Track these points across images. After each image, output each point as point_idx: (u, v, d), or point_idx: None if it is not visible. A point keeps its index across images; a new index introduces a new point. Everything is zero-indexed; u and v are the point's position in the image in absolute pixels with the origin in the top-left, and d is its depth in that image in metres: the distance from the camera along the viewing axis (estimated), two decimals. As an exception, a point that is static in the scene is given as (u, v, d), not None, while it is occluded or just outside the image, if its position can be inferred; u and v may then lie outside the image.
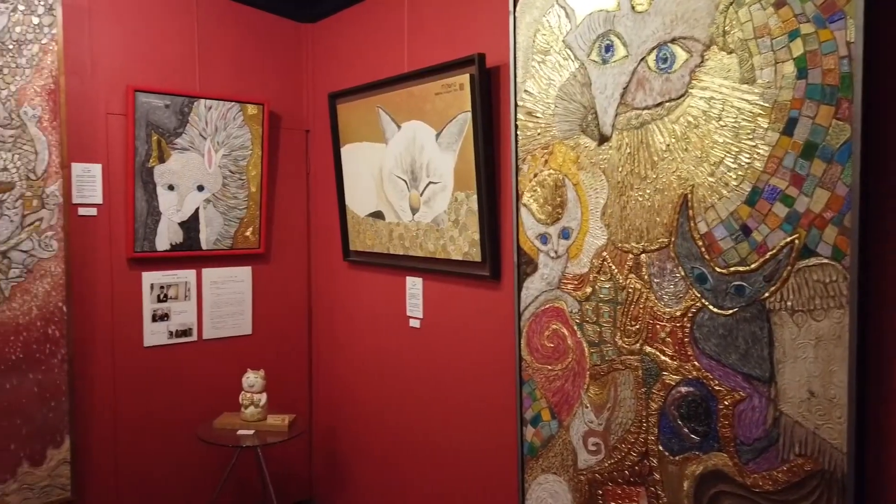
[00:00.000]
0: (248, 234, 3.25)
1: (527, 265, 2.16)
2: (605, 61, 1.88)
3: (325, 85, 3.31)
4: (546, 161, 2.07)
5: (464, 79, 2.34)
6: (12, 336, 2.58)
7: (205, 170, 3.07)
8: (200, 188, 3.07)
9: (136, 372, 2.98)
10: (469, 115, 2.35)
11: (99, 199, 2.84)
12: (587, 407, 2.00)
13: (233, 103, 3.11)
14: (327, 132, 3.24)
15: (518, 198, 2.17)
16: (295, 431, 2.94)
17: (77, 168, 2.76)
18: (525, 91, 2.12)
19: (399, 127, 2.71)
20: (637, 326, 1.84)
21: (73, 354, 2.73)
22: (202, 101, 3.02)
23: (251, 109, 3.17)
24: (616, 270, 1.88)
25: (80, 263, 2.78)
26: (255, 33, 3.27)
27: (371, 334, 3.10)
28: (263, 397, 2.95)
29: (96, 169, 2.82)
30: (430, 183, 2.59)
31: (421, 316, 2.77)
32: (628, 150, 1.83)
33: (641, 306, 1.83)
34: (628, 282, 1.85)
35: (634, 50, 1.80)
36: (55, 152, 2.64)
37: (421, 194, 2.65)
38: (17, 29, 2.53)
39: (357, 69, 3.08)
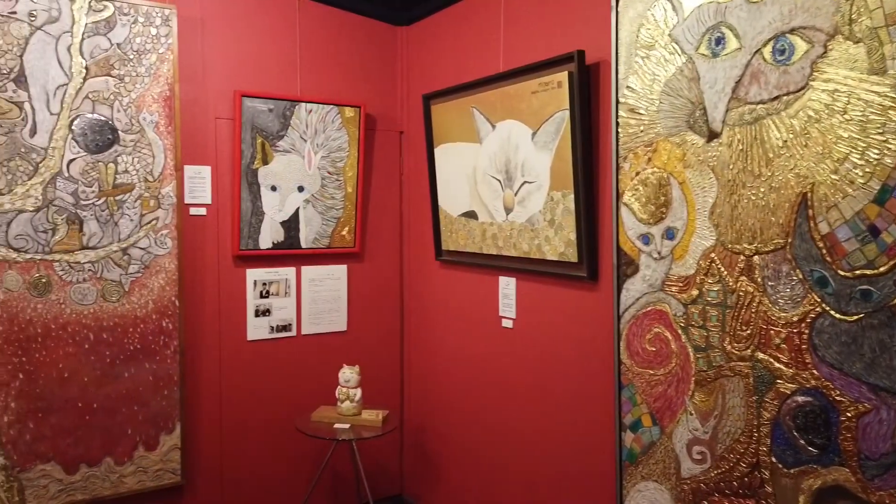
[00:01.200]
0: (344, 233, 3.34)
1: (627, 266, 2.11)
2: (715, 55, 1.81)
3: (419, 86, 3.36)
4: (649, 159, 2.01)
5: (562, 76, 2.31)
6: (131, 328, 2.77)
7: (305, 171, 3.18)
8: (301, 189, 3.18)
9: (240, 364, 3.13)
10: (567, 113, 2.32)
11: (208, 200, 2.99)
12: (692, 414, 1.93)
13: (331, 106, 3.20)
14: (421, 133, 3.28)
15: (618, 197, 2.12)
16: (388, 427, 2.99)
17: (189, 170, 2.93)
18: (627, 87, 2.07)
19: (494, 127, 2.71)
20: (748, 331, 1.76)
21: (185, 346, 2.89)
22: (303, 104, 3.13)
23: (348, 112, 3.25)
24: (725, 272, 1.81)
25: (191, 260, 2.95)
26: (353, 37, 3.35)
27: (463, 333, 3.12)
28: (358, 392, 3.03)
29: (206, 171, 2.98)
30: (525, 182, 2.57)
31: (514, 316, 2.76)
32: (740, 147, 1.75)
33: (753, 310, 1.74)
34: (739, 284, 1.77)
35: (748, 42, 1.72)
36: (170, 155, 2.80)
37: (515, 194, 2.63)
38: (137, 40, 2.70)
39: (451, 70, 3.11)
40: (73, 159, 2.61)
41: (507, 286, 2.78)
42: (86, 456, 2.70)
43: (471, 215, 2.94)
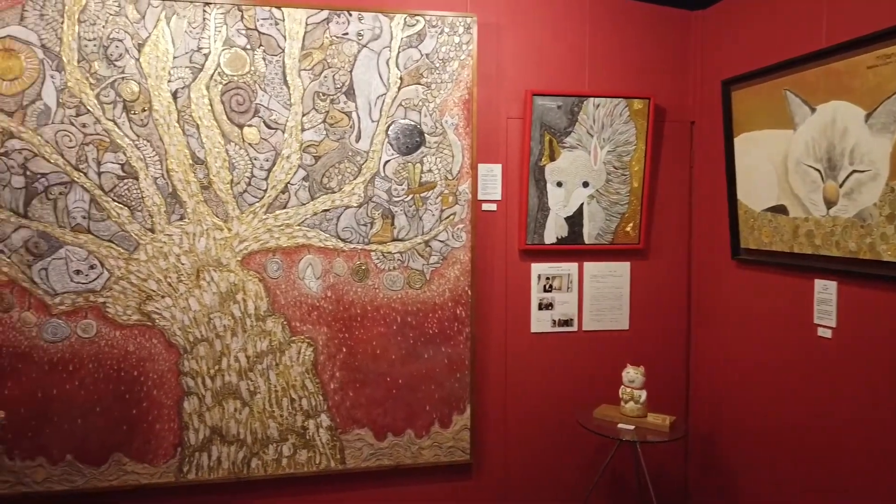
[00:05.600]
0: (628, 229, 3.25)
1: None
2: None
3: (715, 73, 3.12)
4: None
5: (913, 45, 1.96)
6: (430, 313, 3.02)
7: (590, 166, 3.16)
8: (585, 184, 3.17)
9: (524, 355, 3.23)
10: (918, 88, 1.96)
11: (498, 196, 3.13)
12: None
13: (619, 100, 3.14)
14: (716, 122, 3.05)
15: None
16: (676, 433, 2.84)
17: (482, 168, 3.10)
18: None
19: (813, 110, 2.40)
20: None
21: (475, 333, 3.07)
22: (591, 99, 3.11)
23: (637, 104, 3.16)
24: None
25: (482, 253, 3.12)
26: (643, 27, 3.24)
27: (765, 341, 2.83)
28: (643, 394, 2.92)
29: (497, 169, 3.12)
30: (855, 171, 2.23)
31: (834, 325, 2.42)
32: None
33: None
34: None
35: None
36: (467, 155, 2.99)
37: (840, 185, 2.30)
38: (443, 49, 2.93)
39: (756, 52, 2.83)
40: (388, 161, 2.92)
41: (826, 290, 2.45)
42: (392, 426, 3.02)
43: (779, 210, 2.64)
